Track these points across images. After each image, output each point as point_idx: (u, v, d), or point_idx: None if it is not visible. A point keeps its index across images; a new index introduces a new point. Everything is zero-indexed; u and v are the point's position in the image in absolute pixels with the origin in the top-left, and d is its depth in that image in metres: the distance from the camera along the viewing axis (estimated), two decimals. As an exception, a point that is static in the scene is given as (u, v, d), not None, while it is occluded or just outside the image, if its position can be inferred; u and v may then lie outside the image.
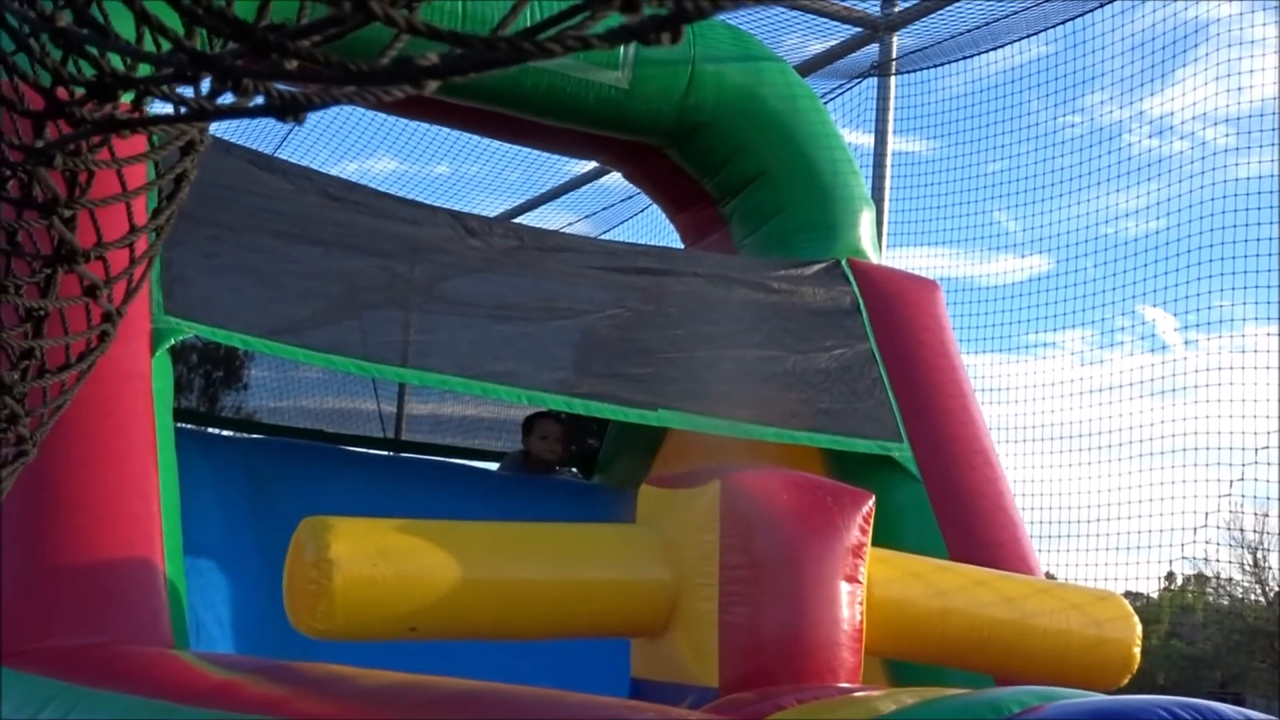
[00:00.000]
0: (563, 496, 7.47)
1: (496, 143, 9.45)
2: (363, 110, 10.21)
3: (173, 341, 5.01)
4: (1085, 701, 3.04)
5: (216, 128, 4.78)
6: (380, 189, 6.29)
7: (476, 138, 9.47)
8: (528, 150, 9.58)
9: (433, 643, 4.34)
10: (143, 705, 3.56)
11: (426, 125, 9.87)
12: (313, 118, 5.98)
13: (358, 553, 3.95)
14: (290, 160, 6.74)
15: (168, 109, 0.98)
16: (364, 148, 12.12)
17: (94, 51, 0.99)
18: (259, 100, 0.89)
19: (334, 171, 6.64)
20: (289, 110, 0.89)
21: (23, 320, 1.38)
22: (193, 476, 5.35)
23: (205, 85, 0.96)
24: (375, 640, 4.15)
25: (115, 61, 1.00)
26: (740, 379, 6.15)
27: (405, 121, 10.05)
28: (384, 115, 10.01)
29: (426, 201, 6.58)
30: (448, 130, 9.80)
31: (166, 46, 0.95)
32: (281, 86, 0.89)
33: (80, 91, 1.05)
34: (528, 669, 4.94)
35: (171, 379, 5.12)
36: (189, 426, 7.55)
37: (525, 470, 7.64)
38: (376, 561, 3.96)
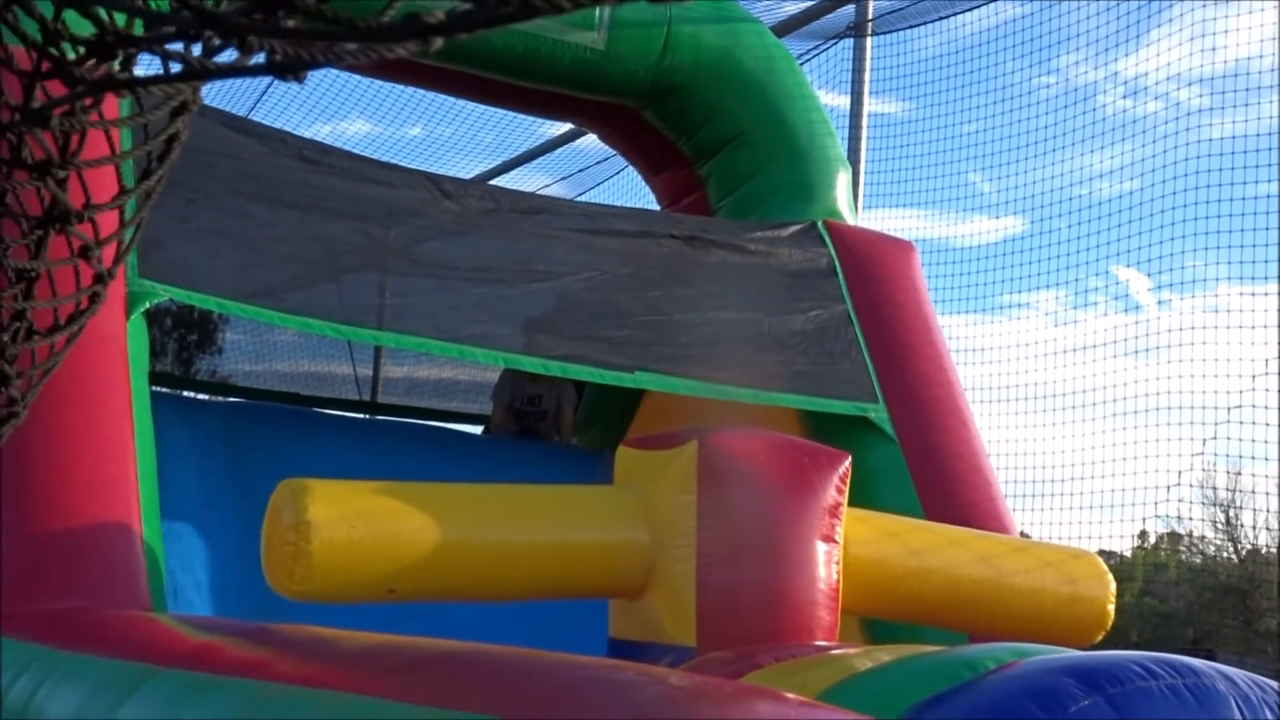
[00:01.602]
0: (540, 458, 7.48)
1: (471, 105, 9.42)
2: (336, 72, 10.15)
3: (147, 305, 4.99)
4: (1060, 658, 3.07)
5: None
6: (354, 152, 6.27)
7: (450, 99, 9.45)
8: (502, 112, 9.55)
9: (411, 604, 4.36)
10: (121, 668, 3.57)
11: (400, 87, 9.83)
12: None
13: (336, 515, 3.96)
14: (264, 123, 6.69)
15: (156, 68, 0.98)
16: (337, 110, 12.07)
17: (98, 11, 0.99)
18: (259, 59, 0.89)
19: (307, 134, 6.62)
20: (290, 68, 0.88)
21: (13, 282, 1.38)
22: (169, 440, 5.35)
23: (198, 45, 0.96)
24: (354, 602, 4.15)
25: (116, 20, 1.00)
26: (717, 341, 6.16)
27: (378, 83, 10.02)
28: (357, 77, 9.95)
29: (400, 164, 6.56)
30: (421, 92, 9.77)
31: (165, 5, 0.95)
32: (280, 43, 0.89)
33: (73, 51, 1.05)
34: (506, 630, 4.97)
35: (147, 342, 5.10)
36: (165, 390, 7.54)
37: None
38: (354, 523, 3.97)
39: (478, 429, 8.31)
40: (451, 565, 4.14)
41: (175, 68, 0.96)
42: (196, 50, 0.96)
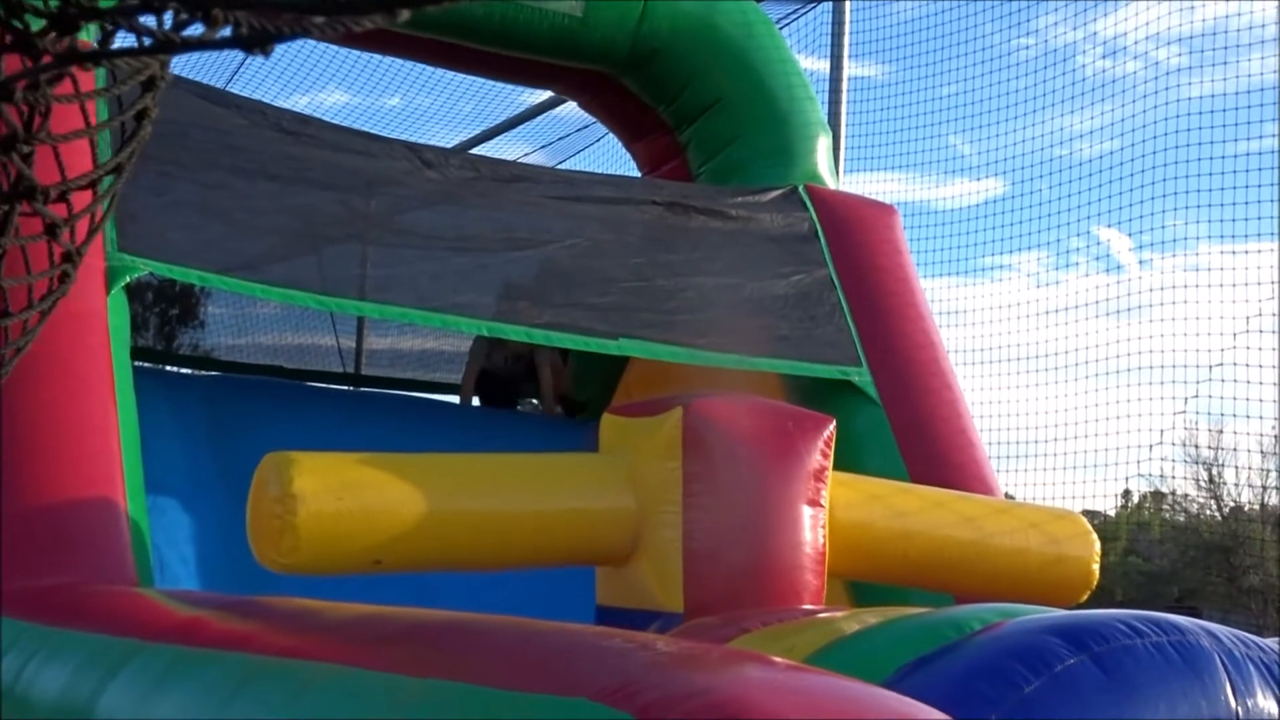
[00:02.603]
0: (525, 427, 7.48)
1: (449, 74, 9.38)
2: (312, 43, 10.11)
3: (127, 279, 4.98)
4: (1045, 618, 3.08)
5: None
6: (333, 123, 6.24)
7: (429, 69, 9.40)
8: (481, 81, 9.52)
9: (399, 575, 4.36)
10: (109, 643, 3.57)
11: (377, 57, 9.78)
12: (264, 51, 5.90)
13: (321, 487, 3.96)
14: (241, 95, 6.66)
15: (129, 41, 0.97)
16: (314, 81, 12.02)
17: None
18: (226, 32, 0.88)
19: (284, 106, 6.57)
20: (256, 42, 0.88)
21: (-18, 261, 1.37)
22: (153, 415, 5.33)
23: (168, 18, 0.95)
24: (341, 574, 4.16)
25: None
26: (699, 306, 6.15)
27: (356, 54, 9.97)
28: (334, 48, 9.92)
29: (380, 134, 6.53)
30: (399, 62, 9.73)
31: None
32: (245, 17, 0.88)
33: (37, 24, 1.04)
34: (494, 600, 4.97)
35: (128, 317, 5.08)
36: (147, 365, 7.52)
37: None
38: (341, 495, 3.97)
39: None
40: (438, 535, 4.14)
41: (145, 41, 0.96)
42: (164, 24, 0.95)
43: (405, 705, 2.38)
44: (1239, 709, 2.91)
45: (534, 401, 8.16)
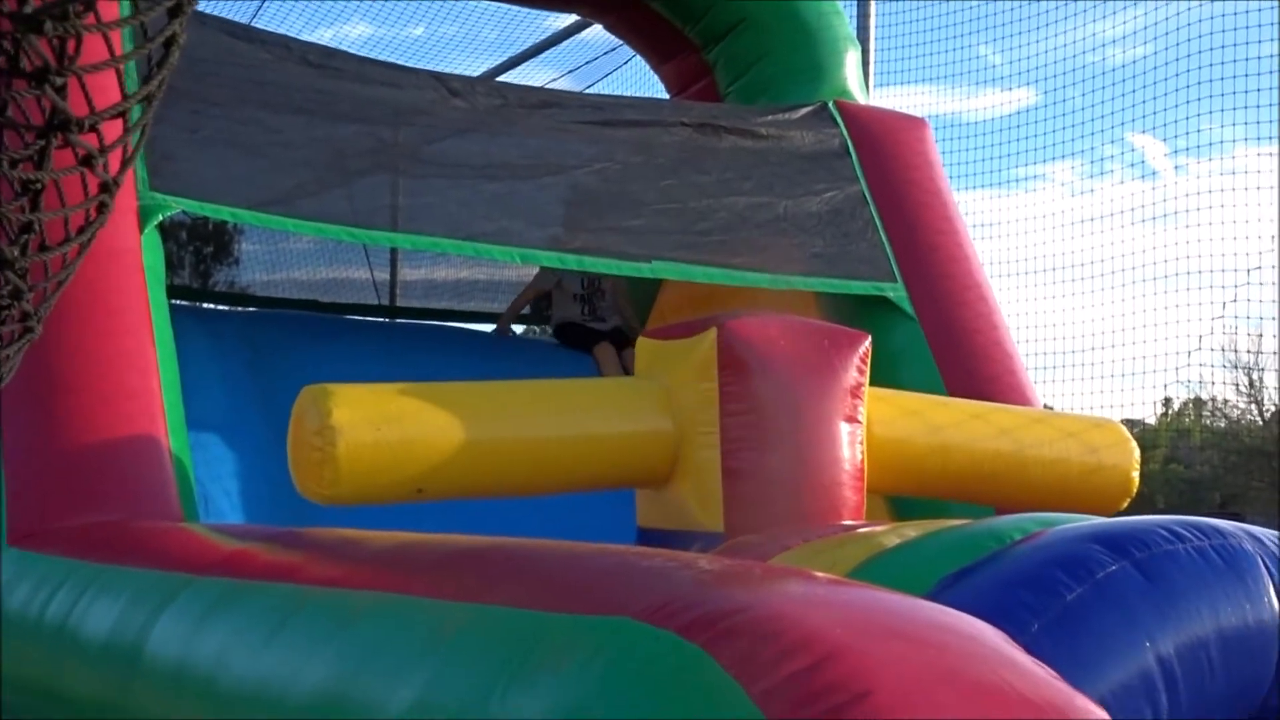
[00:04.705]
0: (559, 353, 7.49)
1: (472, 1, 9.32)
2: (336, -26, 10.06)
3: (160, 218, 4.99)
4: (1086, 525, 3.08)
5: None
6: (358, 54, 6.22)
7: (452, -3, 9.34)
8: (505, 7, 9.45)
9: (440, 503, 4.39)
10: (158, 578, 3.61)
11: (401, -14, 9.72)
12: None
13: (360, 418, 3.98)
14: (266, 30, 6.64)
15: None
16: (338, 14, 12.01)
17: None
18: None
19: (309, 39, 6.55)
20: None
21: (18, 194, 1.38)
22: (191, 351, 5.37)
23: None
24: (382, 503, 4.19)
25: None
26: (732, 227, 6.14)
27: (379, -16, 9.90)
28: (358, -22, 9.86)
29: (405, 65, 6.51)
30: (423, -10, 9.66)
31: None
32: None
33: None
34: (535, 524, 5.00)
35: (162, 255, 5.10)
36: (184, 303, 7.56)
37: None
38: (379, 426, 4.00)
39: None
40: (478, 462, 4.17)
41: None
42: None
43: (450, 630, 2.41)
44: (1282, 610, 2.91)
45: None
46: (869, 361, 4.50)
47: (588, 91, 10.38)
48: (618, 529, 4.70)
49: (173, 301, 5.19)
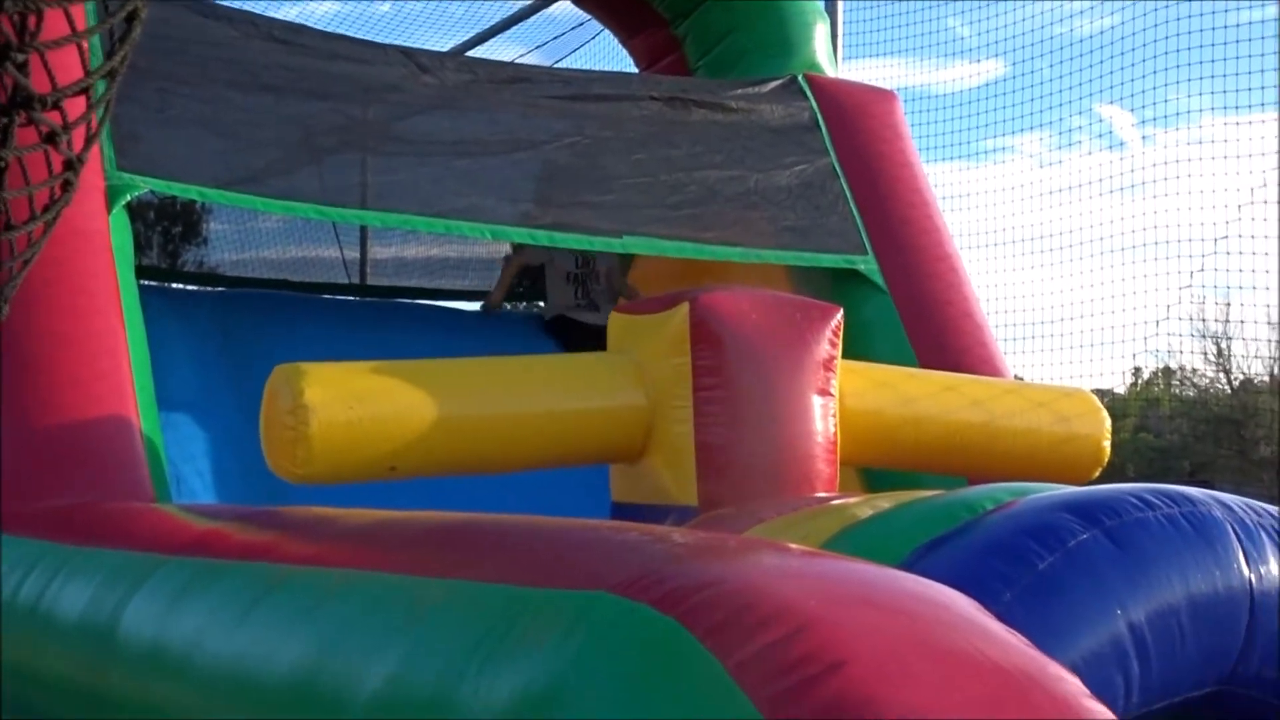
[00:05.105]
0: (531, 329, 7.48)
1: (440, -24, 9.27)
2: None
3: (128, 198, 4.96)
4: (1057, 494, 3.09)
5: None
6: (325, 30, 6.19)
7: (419, -28, 9.29)
8: (472, -18, 9.41)
9: (414, 481, 4.39)
10: (130, 559, 3.60)
11: (368, -38, 9.66)
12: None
13: (332, 397, 3.98)
14: (231, 6, 6.59)
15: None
16: (303, -10, 11.89)
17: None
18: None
19: (274, 16, 6.51)
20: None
21: (-19, 174, 1.37)
22: (161, 332, 5.35)
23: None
24: (355, 482, 4.18)
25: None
26: (703, 201, 6.13)
27: (346, -40, 9.84)
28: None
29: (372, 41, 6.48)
30: (390, -34, 9.62)
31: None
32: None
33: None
34: (509, 501, 5.00)
35: (130, 236, 5.08)
36: (153, 284, 7.52)
37: None
38: (352, 404, 3.99)
39: (468, 305, 8.30)
40: (451, 439, 4.17)
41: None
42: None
43: (425, 606, 2.41)
44: (1252, 577, 2.93)
45: None
46: (841, 334, 4.51)
47: (557, 67, 10.34)
48: (592, 505, 4.71)
49: (141, 282, 5.17)
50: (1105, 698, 2.27)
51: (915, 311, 6.10)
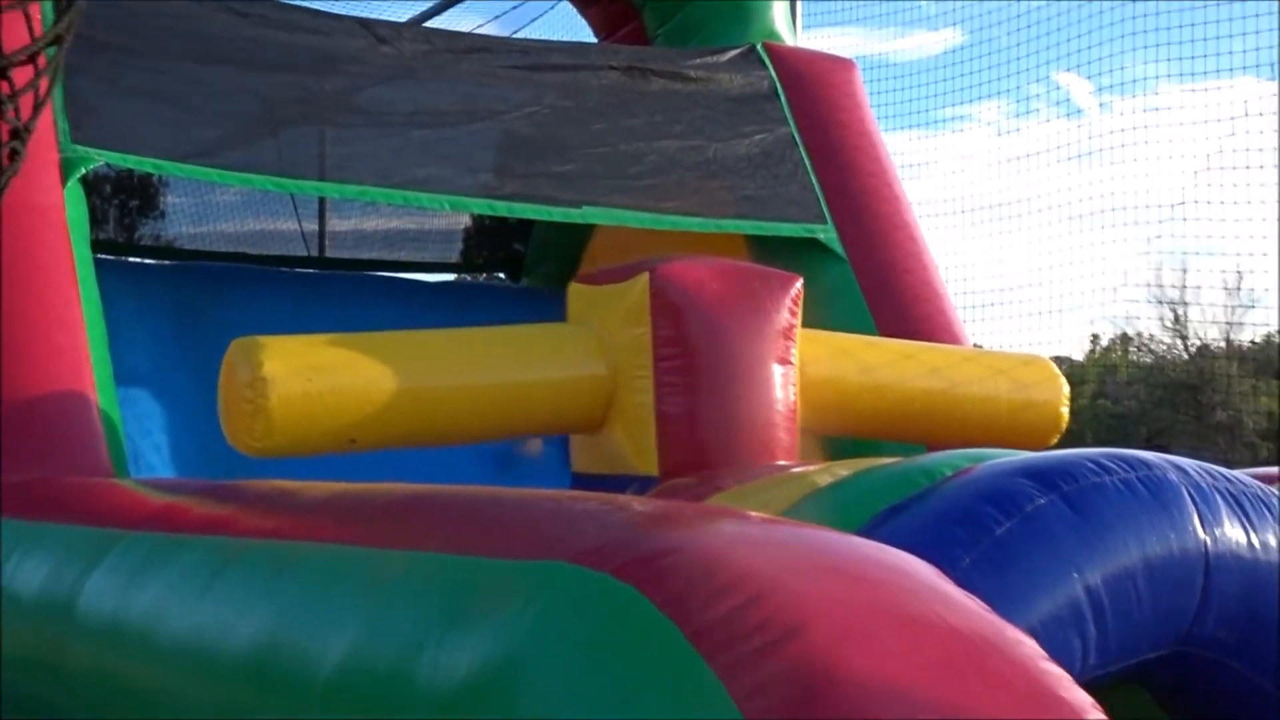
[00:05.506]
0: (491, 301, 7.47)
1: (397, -54, 9.20)
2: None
3: (83, 171, 4.92)
4: (1015, 460, 3.11)
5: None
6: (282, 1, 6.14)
7: (376, -58, 9.23)
8: (430, -48, 9.35)
9: (374, 453, 4.38)
10: (89, 534, 3.58)
11: (324, -68, 9.58)
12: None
13: (291, 370, 3.96)
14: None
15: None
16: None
17: None
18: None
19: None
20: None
21: (-70, 145, 1.35)
22: (118, 306, 5.31)
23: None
24: (315, 454, 4.17)
25: None
26: (663, 171, 6.12)
27: (302, -70, 9.75)
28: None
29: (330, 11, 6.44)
30: (346, -64, 9.55)
31: None
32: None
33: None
34: (471, 473, 5.00)
35: (86, 210, 5.04)
36: (109, 258, 7.47)
37: None
38: (310, 377, 3.98)
39: (428, 277, 8.27)
40: (411, 411, 4.16)
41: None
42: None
43: (385, 578, 2.41)
44: (1207, 539, 2.96)
45: None
46: (800, 303, 4.52)
47: (515, 37, 10.29)
48: (552, 475, 4.71)
49: (98, 256, 5.13)
50: (1063, 660, 2.29)
51: (875, 280, 6.11)
